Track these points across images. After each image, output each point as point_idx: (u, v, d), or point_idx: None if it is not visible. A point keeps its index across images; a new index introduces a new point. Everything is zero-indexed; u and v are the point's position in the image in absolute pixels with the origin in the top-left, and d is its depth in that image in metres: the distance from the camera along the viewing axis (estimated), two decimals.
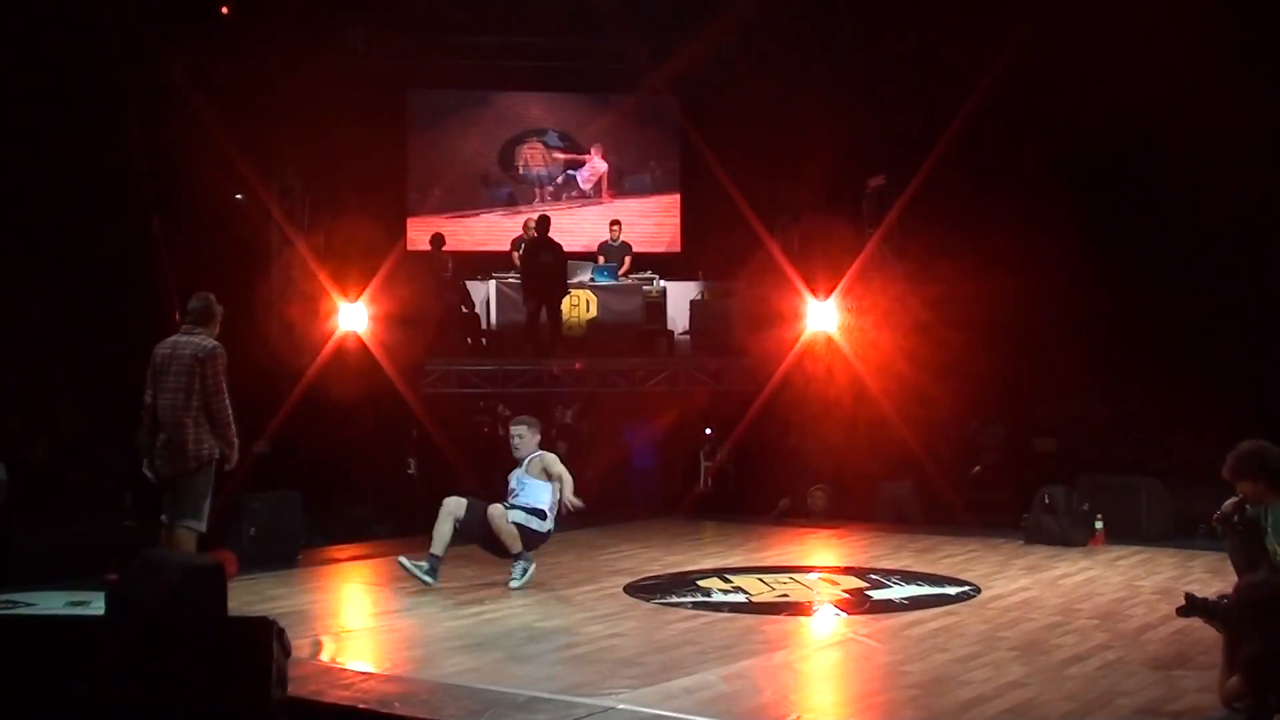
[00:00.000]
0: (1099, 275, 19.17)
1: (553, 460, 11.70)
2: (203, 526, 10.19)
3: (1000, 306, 18.67)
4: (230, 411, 10.15)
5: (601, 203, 23.28)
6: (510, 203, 23.30)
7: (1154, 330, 18.85)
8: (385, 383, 18.01)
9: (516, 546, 11.25)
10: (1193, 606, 7.36)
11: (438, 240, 20.76)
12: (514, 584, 11.18)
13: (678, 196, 23.74)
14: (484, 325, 20.25)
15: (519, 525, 11.32)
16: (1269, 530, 8.01)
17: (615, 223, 21.70)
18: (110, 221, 17.80)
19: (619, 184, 23.75)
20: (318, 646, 8.90)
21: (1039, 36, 18.01)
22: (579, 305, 20.25)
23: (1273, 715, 6.05)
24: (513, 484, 11.72)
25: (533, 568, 11.33)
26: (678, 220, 23.68)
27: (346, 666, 8.31)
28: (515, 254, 20.89)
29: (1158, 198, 18.76)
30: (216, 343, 10.24)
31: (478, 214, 23.32)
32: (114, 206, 17.58)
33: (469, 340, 19.92)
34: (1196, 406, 18.96)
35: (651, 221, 23.66)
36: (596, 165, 23.27)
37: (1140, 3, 17.72)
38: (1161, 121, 18.25)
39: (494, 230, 22.97)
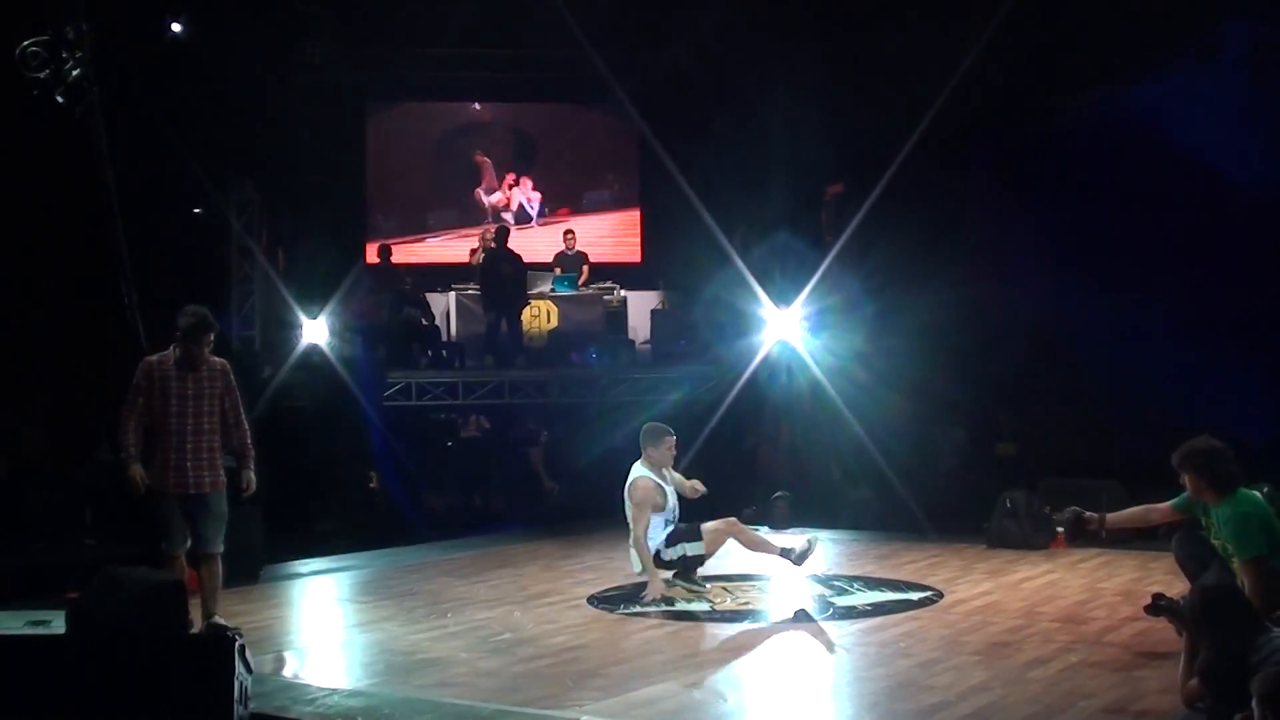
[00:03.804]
0: (1058, 280, 19.25)
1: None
2: None
3: (959, 312, 18.73)
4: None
5: (558, 220, 23.31)
6: (459, 225, 23.39)
7: (1113, 334, 18.94)
8: (346, 396, 17.96)
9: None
10: (1158, 608, 7.48)
11: (385, 251, 20.80)
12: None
13: (638, 207, 23.77)
14: (444, 337, 20.22)
15: None
16: (1212, 528, 8.21)
17: (569, 232, 21.75)
18: (71, 237, 17.72)
19: (577, 200, 23.79)
20: (281, 662, 8.88)
21: (1001, 45, 18.10)
22: (540, 315, 20.26)
23: (1234, 716, 6.08)
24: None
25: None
26: (638, 230, 23.72)
27: (310, 682, 8.27)
28: (475, 259, 20.93)
29: (1114, 202, 18.86)
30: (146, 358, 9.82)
31: (429, 237, 23.37)
32: (75, 222, 17.50)
33: (429, 353, 19.88)
34: (1156, 409, 19.10)
35: (611, 232, 23.69)
36: (518, 197, 23.26)
37: (1102, 7, 17.85)
38: (1122, 128, 18.37)
39: (449, 247, 23.07)
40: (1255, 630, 6.37)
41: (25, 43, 10.33)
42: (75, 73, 10.50)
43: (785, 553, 10.93)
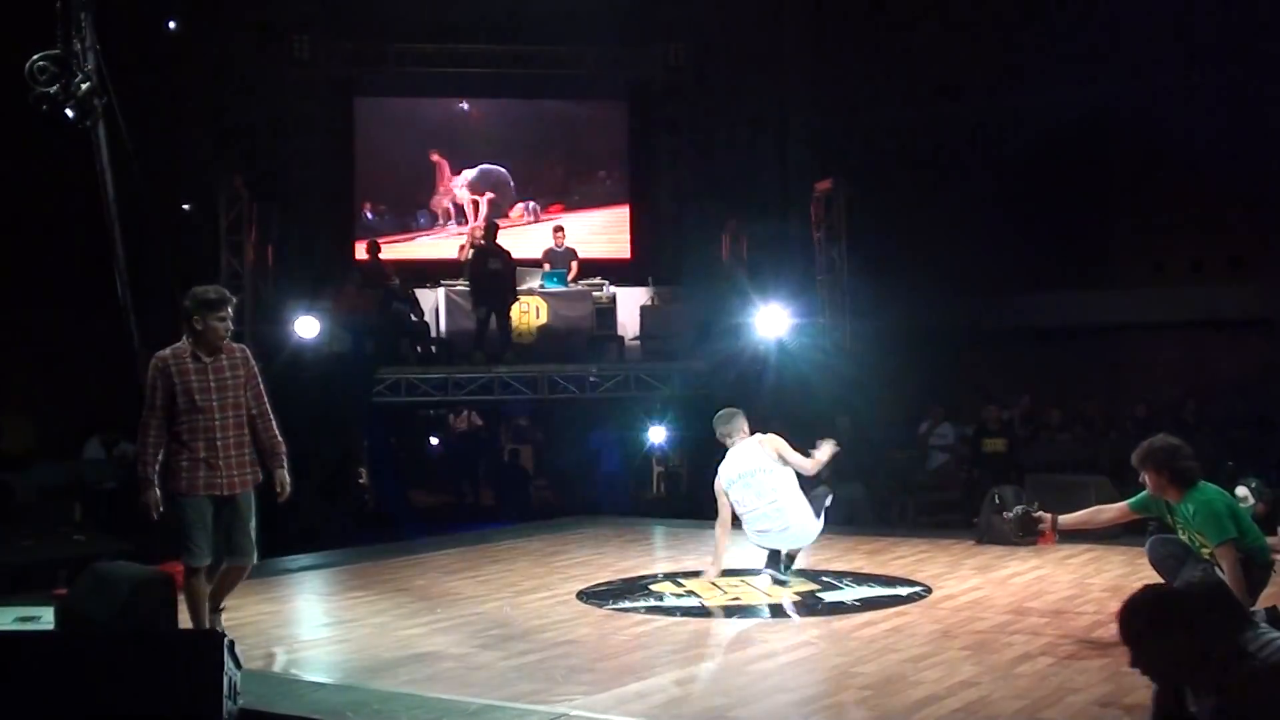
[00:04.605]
0: (1047, 276, 19.31)
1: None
2: None
3: (948, 308, 18.78)
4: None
5: (549, 216, 23.33)
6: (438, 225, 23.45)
7: (1100, 330, 19.01)
8: (336, 393, 17.95)
9: None
10: None
11: (374, 248, 20.78)
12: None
13: (627, 204, 23.77)
14: (433, 333, 20.21)
15: None
16: (1178, 525, 8.29)
17: (559, 229, 21.72)
18: (59, 234, 17.70)
19: (568, 196, 23.79)
20: (270, 658, 8.86)
21: (984, 44, 18.16)
22: (529, 312, 20.24)
23: None
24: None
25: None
26: (628, 227, 23.72)
27: (299, 678, 8.27)
28: (464, 255, 20.93)
29: (1103, 200, 18.92)
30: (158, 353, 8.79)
31: (419, 234, 23.37)
32: (64, 219, 17.49)
33: (418, 349, 19.87)
34: (1144, 406, 19.16)
35: (601, 229, 23.68)
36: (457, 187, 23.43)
37: (1086, 12, 17.91)
38: (1108, 128, 18.43)
39: (439, 244, 23.09)
40: (1241, 627, 6.35)
41: (34, 57, 10.30)
42: (84, 86, 10.47)
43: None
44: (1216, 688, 5.21)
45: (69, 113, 10.53)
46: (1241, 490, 10.57)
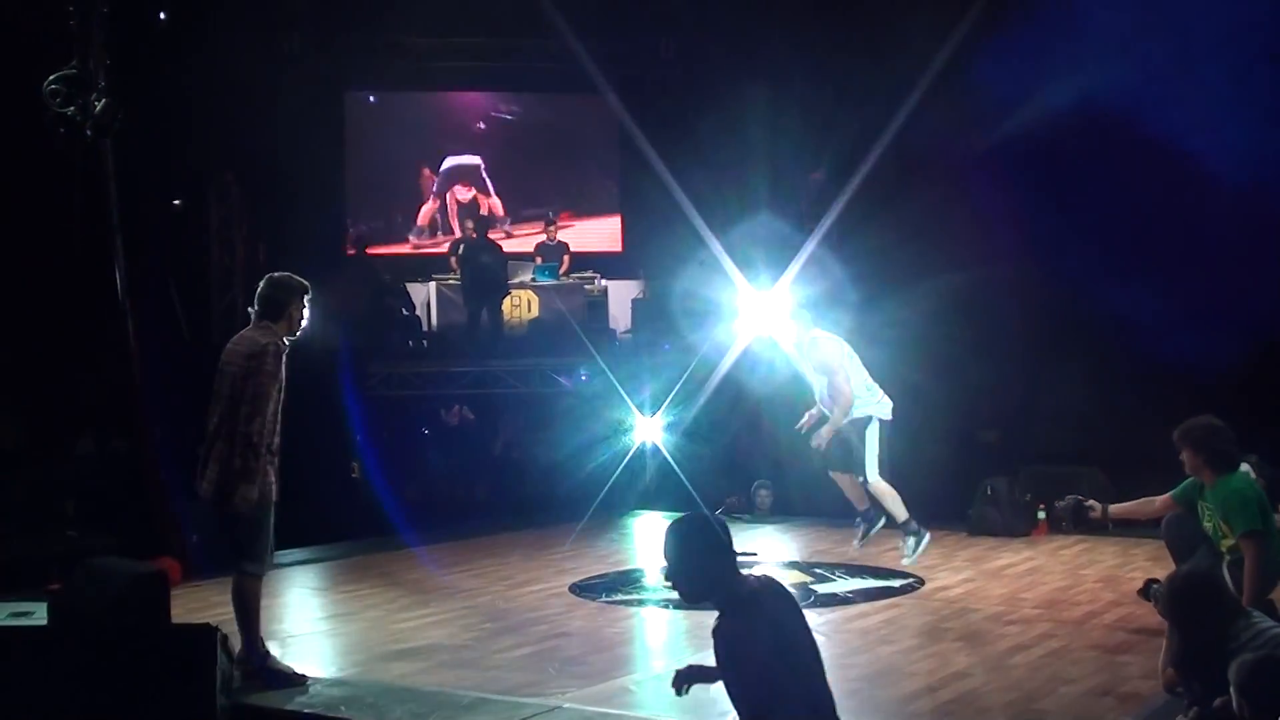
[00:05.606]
0: (1039, 267, 19.31)
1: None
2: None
3: (940, 299, 18.76)
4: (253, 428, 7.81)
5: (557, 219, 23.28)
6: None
7: (1095, 321, 19.00)
8: (327, 387, 17.93)
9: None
10: (1146, 594, 7.56)
11: (362, 242, 20.77)
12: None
13: (618, 197, 23.73)
14: (424, 327, 20.18)
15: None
16: (1206, 510, 8.20)
17: (551, 223, 21.67)
18: (49, 229, 17.64)
19: (564, 193, 23.72)
20: None
21: (977, 30, 18.14)
22: (520, 305, 20.21)
23: (1214, 701, 6.10)
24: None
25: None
26: (619, 219, 23.69)
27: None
28: (453, 259, 20.84)
29: (1095, 190, 18.92)
30: (270, 340, 8.12)
31: (411, 235, 23.32)
32: (55, 216, 17.43)
33: (409, 343, 19.86)
34: (1138, 397, 19.17)
35: (593, 222, 23.65)
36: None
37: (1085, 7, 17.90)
38: (1098, 116, 18.42)
39: (433, 244, 23.03)
40: (1232, 617, 6.35)
41: (49, 79, 10.26)
42: (101, 104, 10.44)
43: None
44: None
45: (88, 132, 10.49)
46: (1243, 466, 10.58)
